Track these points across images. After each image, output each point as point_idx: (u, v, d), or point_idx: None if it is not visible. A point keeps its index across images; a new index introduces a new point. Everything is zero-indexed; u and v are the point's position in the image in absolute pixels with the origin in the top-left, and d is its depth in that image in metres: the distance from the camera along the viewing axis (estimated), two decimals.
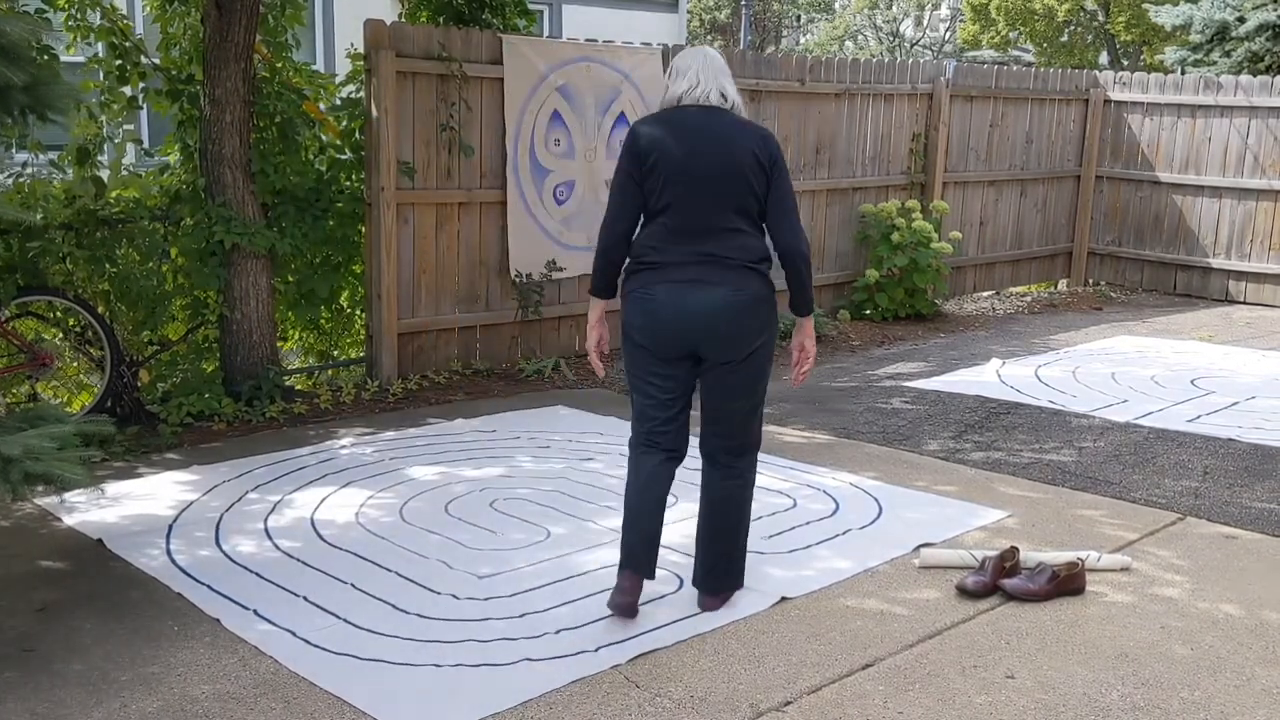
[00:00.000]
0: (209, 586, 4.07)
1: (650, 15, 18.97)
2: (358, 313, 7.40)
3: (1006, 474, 5.52)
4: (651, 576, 3.86)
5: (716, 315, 3.67)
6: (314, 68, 7.66)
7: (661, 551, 4.39)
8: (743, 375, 3.80)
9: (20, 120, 4.21)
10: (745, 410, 3.89)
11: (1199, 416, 6.59)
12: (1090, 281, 11.81)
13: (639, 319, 3.75)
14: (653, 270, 3.72)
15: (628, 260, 3.81)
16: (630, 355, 3.84)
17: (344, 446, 5.78)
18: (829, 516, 4.88)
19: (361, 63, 6.89)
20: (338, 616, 3.84)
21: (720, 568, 3.96)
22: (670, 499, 4.99)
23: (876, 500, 5.09)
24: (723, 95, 3.74)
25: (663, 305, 3.69)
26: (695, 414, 3.94)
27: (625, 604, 3.79)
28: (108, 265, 6.17)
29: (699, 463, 4.02)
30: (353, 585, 4.10)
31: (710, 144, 3.68)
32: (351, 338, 7.54)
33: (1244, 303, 10.84)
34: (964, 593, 4.08)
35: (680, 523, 4.74)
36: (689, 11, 28.01)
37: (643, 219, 3.79)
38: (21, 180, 6.19)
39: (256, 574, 4.20)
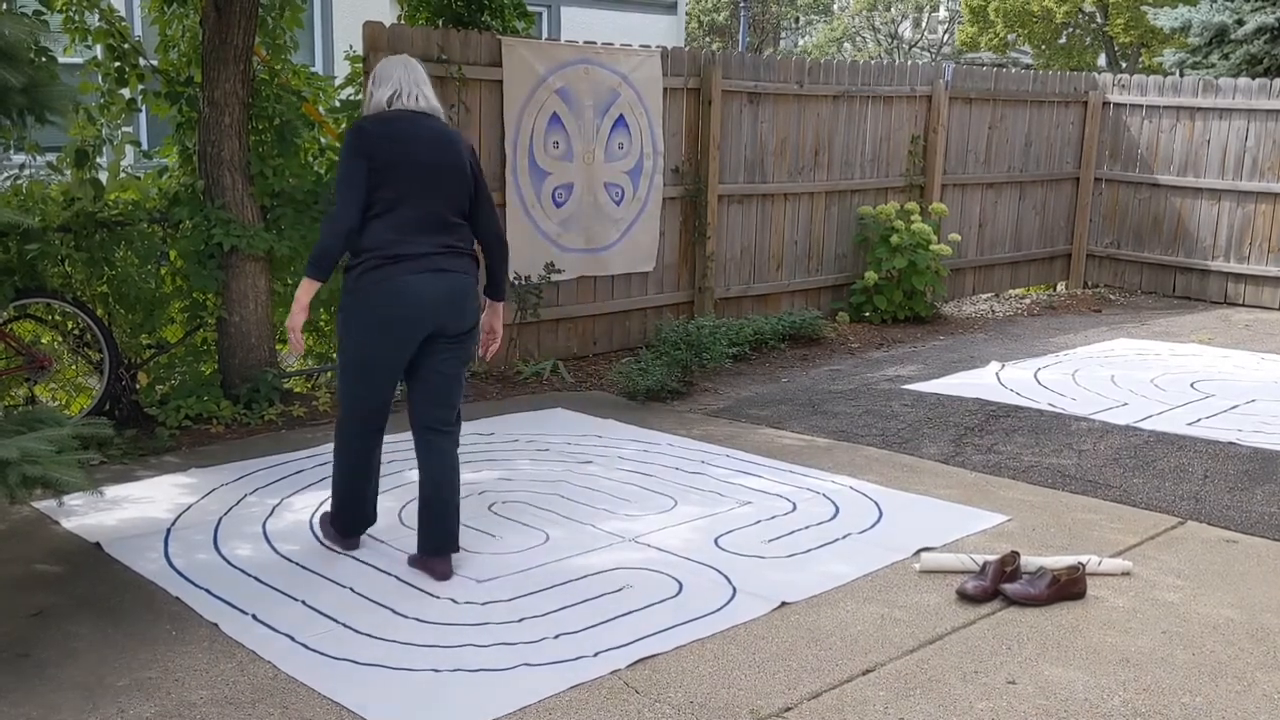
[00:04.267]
0: (207, 590, 4.06)
1: (649, 17, 18.97)
2: None
3: (1006, 477, 5.51)
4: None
5: (457, 297, 4.11)
6: (313, 70, 7.64)
7: (661, 556, 4.41)
8: (468, 348, 4.24)
9: (18, 122, 4.20)
10: (462, 380, 4.30)
11: (1199, 420, 6.58)
12: (1089, 284, 11.81)
13: (394, 308, 4.02)
14: (399, 261, 4.00)
15: (364, 254, 4.03)
16: (370, 345, 4.09)
17: None
18: (829, 520, 4.86)
19: (360, 65, 6.88)
20: (336, 620, 3.83)
21: (455, 523, 4.26)
22: (669, 502, 5.02)
23: (876, 504, 5.08)
24: (426, 100, 4.12)
25: (415, 292, 4.01)
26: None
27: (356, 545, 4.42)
28: (106, 268, 6.15)
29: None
30: (351, 589, 4.08)
31: (437, 146, 4.08)
32: None
33: (1243, 305, 10.83)
34: (964, 597, 4.07)
35: (678, 526, 4.74)
36: (687, 13, 28.01)
37: (374, 212, 4.02)
38: (19, 183, 6.18)
39: (255, 578, 4.18)
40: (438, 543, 4.22)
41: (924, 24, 35.46)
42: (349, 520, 4.44)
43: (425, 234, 4.04)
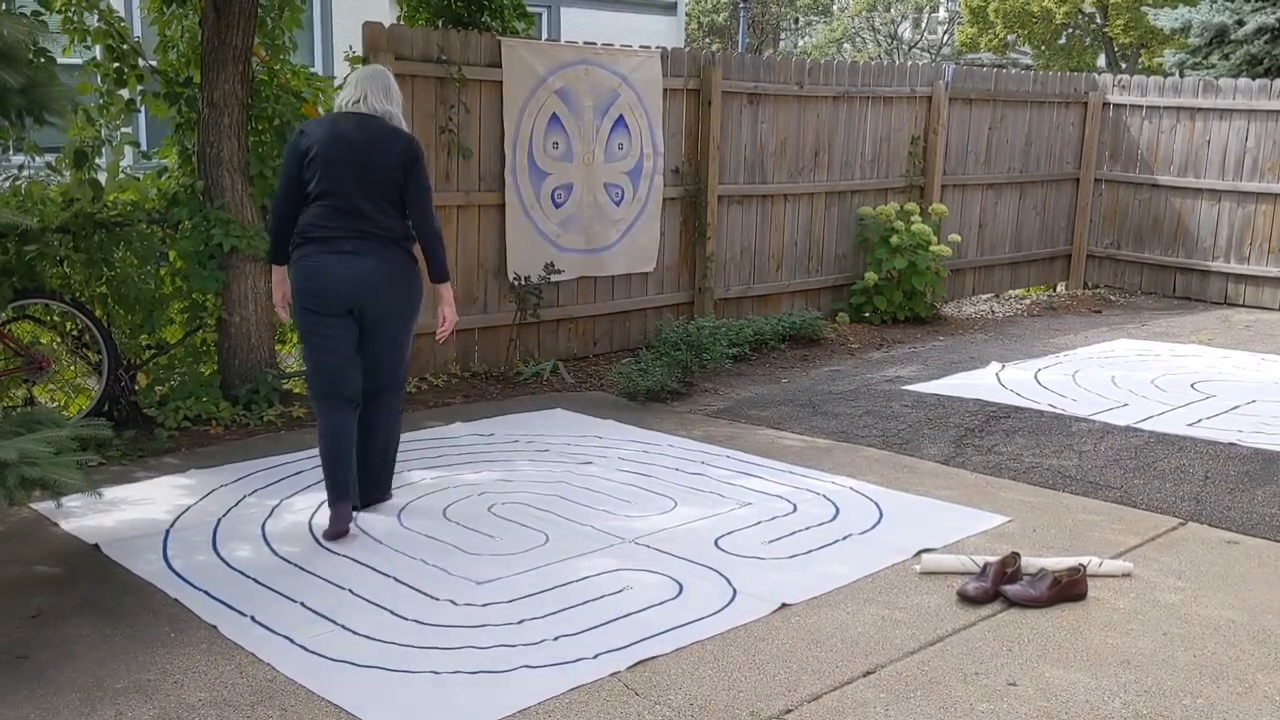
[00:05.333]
0: (206, 592, 4.05)
1: (649, 18, 18.95)
2: None
3: (1007, 478, 5.50)
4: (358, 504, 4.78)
5: (376, 280, 4.50)
6: (312, 70, 7.62)
7: (662, 558, 4.41)
8: (397, 333, 4.65)
9: (17, 122, 4.19)
10: (397, 361, 4.72)
11: (1199, 420, 6.57)
12: (1089, 284, 11.80)
13: (308, 281, 4.49)
14: (315, 241, 4.49)
15: (294, 235, 4.56)
16: (301, 309, 4.56)
17: None
18: (829, 521, 4.86)
19: (360, 66, 6.86)
20: (335, 622, 3.82)
21: (385, 479, 4.91)
22: (669, 503, 5.01)
23: (877, 505, 5.07)
24: (370, 105, 4.55)
25: (325, 270, 4.47)
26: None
27: (344, 531, 4.56)
28: (105, 268, 6.14)
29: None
30: (350, 591, 4.08)
31: (368, 142, 4.50)
32: None
33: (1243, 306, 10.83)
34: (965, 599, 4.06)
35: (678, 527, 4.73)
36: (687, 14, 28.00)
37: (308, 200, 4.53)
38: (18, 183, 6.17)
39: (254, 579, 4.17)
40: (363, 488, 4.77)
41: (924, 25, 35.46)
42: (331, 487, 4.63)
43: (347, 219, 4.47)
